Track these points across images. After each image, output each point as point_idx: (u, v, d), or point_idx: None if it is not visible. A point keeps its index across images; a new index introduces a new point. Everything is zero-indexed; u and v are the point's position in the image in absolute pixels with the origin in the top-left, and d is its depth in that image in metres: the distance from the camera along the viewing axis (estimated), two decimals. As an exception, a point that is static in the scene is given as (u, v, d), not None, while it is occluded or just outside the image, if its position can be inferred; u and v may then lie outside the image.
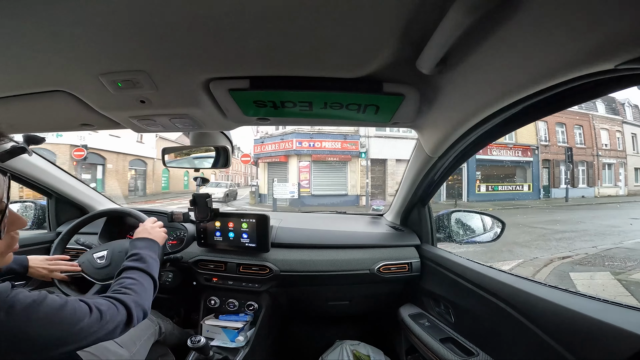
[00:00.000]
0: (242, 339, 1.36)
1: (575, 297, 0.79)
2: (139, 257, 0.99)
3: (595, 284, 4.04)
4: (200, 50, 0.67)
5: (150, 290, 0.92)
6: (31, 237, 1.67)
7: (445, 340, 1.18)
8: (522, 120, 0.82)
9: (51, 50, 0.66)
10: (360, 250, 1.52)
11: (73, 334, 0.65)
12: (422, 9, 0.52)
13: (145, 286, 0.91)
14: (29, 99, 0.90)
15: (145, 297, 0.88)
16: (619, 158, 18.57)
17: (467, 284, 1.12)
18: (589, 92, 0.60)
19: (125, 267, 0.95)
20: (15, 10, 0.52)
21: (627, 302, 0.71)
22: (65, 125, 1.21)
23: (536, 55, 0.54)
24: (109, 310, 0.74)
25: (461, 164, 1.22)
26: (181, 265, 1.52)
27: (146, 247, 1.04)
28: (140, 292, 0.87)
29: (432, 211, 1.56)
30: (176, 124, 1.07)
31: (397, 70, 0.75)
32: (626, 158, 18.75)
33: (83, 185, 1.83)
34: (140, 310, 0.83)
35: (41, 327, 0.60)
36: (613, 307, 0.71)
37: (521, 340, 0.87)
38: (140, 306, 0.84)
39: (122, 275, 0.92)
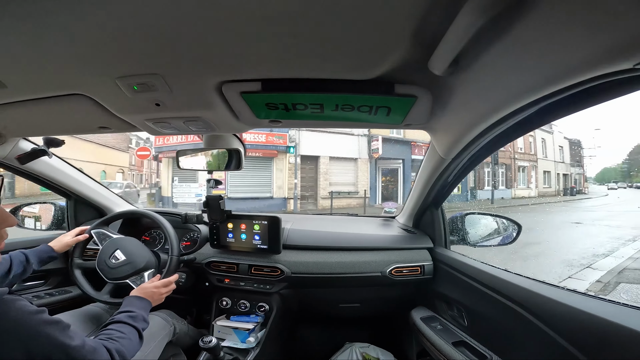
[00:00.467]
0: (253, 340, 1.37)
1: (595, 300, 0.77)
2: (133, 315, 0.99)
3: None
4: (213, 54, 0.68)
5: (135, 344, 0.93)
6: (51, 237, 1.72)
7: (457, 344, 1.17)
8: (538, 122, 0.80)
9: (70, 54, 0.68)
10: (371, 253, 1.51)
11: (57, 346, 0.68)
12: (433, 9, 0.51)
13: (132, 340, 0.92)
14: (48, 103, 0.93)
15: (129, 349, 0.89)
16: (531, 161, 19.44)
17: (482, 287, 1.10)
18: (607, 92, 0.59)
19: (118, 320, 0.95)
20: (36, 15, 0.54)
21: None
22: (84, 128, 1.24)
23: (552, 54, 0.53)
24: (96, 351, 0.76)
25: (475, 165, 1.21)
26: (194, 266, 1.54)
27: (142, 308, 1.05)
28: (126, 345, 0.88)
29: (445, 213, 1.53)
30: (190, 126, 1.09)
31: (408, 72, 0.74)
32: (537, 162, 19.77)
33: (101, 187, 1.88)
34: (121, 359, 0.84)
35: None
36: (633, 310, 0.69)
37: (537, 345, 0.85)
38: (122, 356, 0.84)
39: (113, 327, 0.92)
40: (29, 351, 0.64)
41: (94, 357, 0.74)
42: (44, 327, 0.68)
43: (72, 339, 0.71)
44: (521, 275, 1.01)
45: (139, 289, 1.13)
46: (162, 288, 1.17)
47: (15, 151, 1.35)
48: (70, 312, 1.23)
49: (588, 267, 4.79)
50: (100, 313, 1.28)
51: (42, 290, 1.60)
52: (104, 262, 1.30)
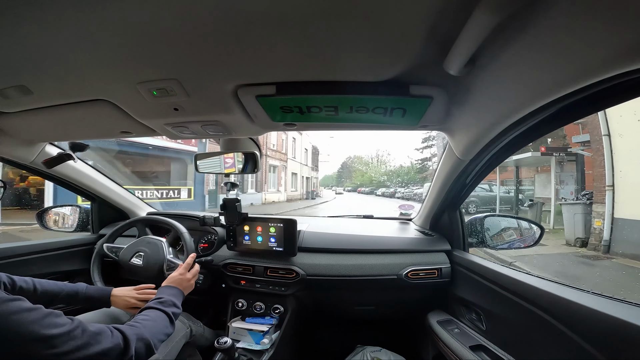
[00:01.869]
0: (267, 342, 1.38)
1: (622, 304, 0.73)
2: (162, 300, 1.00)
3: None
4: (228, 58, 0.69)
5: (161, 326, 0.89)
6: (76, 239, 1.79)
7: (475, 348, 1.14)
8: (559, 122, 0.77)
9: (93, 61, 0.71)
10: (387, 255, 1.49)
11: (37, 338, 0.60)
12: (448, 9, 0.51)
13: (157, 322, 0.89)
14: (73, 108, 0.97)
15: (153, 331, 0.84)
16: (282, 161, 18.19)
17: (502, 290, 1.07)
18: (629, 91, 0.56)
19: (145, 307, 0.96)
20: (61, 23, 0.57)
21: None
22: (106, 133, 1.29)
23: (572, 52, 0.51)
24: (98, 335, 0.69)
25: (494, 167, 1.18)
26: (212, 268, 1.57)
27: (172, 295, 1.06)
28: (148, 327, 0.84)
29: (463, 215, 1.50)
30: (207, 130, 1.11)
31: (423, 72, 0.73)
32: (287, 162, 18.60)
33: (123, 190, 1.93)
34: (141, 343, 0.78)
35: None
36: None
37: (561, 350, 0.82)
38: (143, 339, 0.79)
39: (139, 314, 0.91)
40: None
41: (90, 343, 0.66)
42: (11, 317, 0.58)
43: (55, 326, 0.62)
44: (544, 278, 0.98)
45: (166, 280, 1.15)
46: (186, 273, 1.19)
47: (42, 155, 1.41)
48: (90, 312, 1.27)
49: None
50: (120, 313, 1.31)
51: None
52: (126, 260, 1.37)
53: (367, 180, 50.03)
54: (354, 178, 57.66)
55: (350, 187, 56.70)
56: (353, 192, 47.88)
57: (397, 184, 38.70)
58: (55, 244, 1.66)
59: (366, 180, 50.56)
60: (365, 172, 52.32)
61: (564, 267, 5.00)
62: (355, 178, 56.60)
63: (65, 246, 1.69)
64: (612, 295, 0.78)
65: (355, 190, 50.27)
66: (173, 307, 1.00)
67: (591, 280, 4.22)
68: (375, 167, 52.98)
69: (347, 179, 66.74)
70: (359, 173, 53.76)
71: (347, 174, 66.97)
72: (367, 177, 50.91)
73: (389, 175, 46.48)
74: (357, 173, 54.97)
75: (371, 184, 47.10)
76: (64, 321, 0.66)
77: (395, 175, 43.88)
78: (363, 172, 52.63)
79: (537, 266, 4.80)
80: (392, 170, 47.89)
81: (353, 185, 56.04)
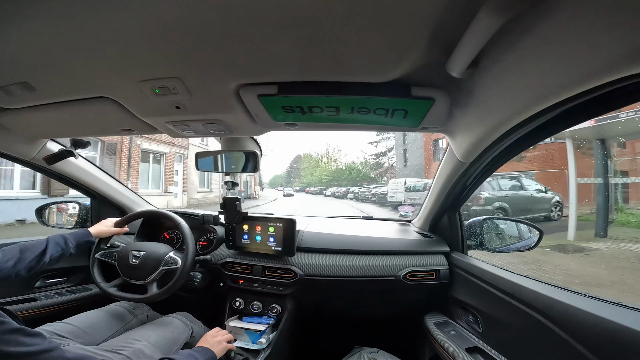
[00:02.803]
0: (264, 341, 1.38)
1: (618, 308, 0.73)
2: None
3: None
4: (230, 57, 0.69)
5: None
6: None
7: (471, 350, 1.14)
8: (561, 125, 0.77)
9: (97, 58, 0.71)
10: (386, 257, 1.49)
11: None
12: (452, 10, 0.51)
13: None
14: (76, 105, 0.97)
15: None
16: (174, 146, 14.57)
17: (499, 293, 1.07)
18: (633, 94, 0.56)
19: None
20: (65, 20, 0.57)
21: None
22: (108, 130, 1.29)
23: (576, 55, 0.51)
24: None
25: (495, 169, 1.18)
26: (210, 267, 1.57)
27: (206, 356, 1.05)
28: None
29: (463, 218, 1.50)
30: (209, 129, 1.12)
31: (426, 74, 0.73)
32: (188, 148, 15.02)
33: (123, 187, 1.93)
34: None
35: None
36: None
37: (555, 352, 0.82)
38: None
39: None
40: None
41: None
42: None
43: (18, 344, 0.61)
44: (541, 281, 0.98)
45: (201, 341, 1.15)
46: (219, 336, 1.18)
47: (43, 152, 1.41)
48: (93, 311, 1.26)
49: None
50: (124, 312, 1.31)
51: (63, 287, 1.66)
52: (124, 262, 1.34)
53: (317, 179, 47.90)
54: (303, 177, 55.33)
55: (299, 187, 54.39)
56: (301, 192, 45.38)
57: (350, 183, 37.24)
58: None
59: (315, 180, 48.41)
60: (314, 171, 49.71)
61: None
62: (304, 177, 54.32)
63: None
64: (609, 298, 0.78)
65: (304, 190, 48.03)
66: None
67: None
68: (325, 165, 50.44)
69: (296, 178, 64.59)
70: (308, 171, 50.93)
71: (297, 173, 64.60)
72: (316, 176, 48.49)
73: (339, 173, 44.41)
74: (306, 171, 52.09)
75: (320, 184, 45.39)
76: (34, 342, 0.63)
77: (346, 172, 41.92)
78: (312, 170, 49.78)
79: None
80: (343, 168, 45.47)
81: (302, 185, 53.68)
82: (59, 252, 1.14)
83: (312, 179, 48.71)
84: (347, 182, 36.37)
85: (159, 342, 1.15)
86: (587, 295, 0.83)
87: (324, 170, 47.87)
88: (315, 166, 49.55)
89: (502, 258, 4.00)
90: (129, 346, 1.06)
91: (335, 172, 45.51)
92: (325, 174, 46.13)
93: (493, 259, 1.37)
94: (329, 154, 49.70)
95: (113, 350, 1.03)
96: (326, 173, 46.27)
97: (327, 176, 45.17)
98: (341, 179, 39.62)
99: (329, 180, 42.54)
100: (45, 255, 1.09)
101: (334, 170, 46.65)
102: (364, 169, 38.18)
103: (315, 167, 49.78)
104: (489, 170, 1.18)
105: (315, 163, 50.74)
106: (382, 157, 36.38)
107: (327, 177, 44.79)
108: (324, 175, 45.71)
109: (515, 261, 4.56)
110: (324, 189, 40.30)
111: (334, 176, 43.41)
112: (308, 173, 50.34)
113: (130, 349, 1.05)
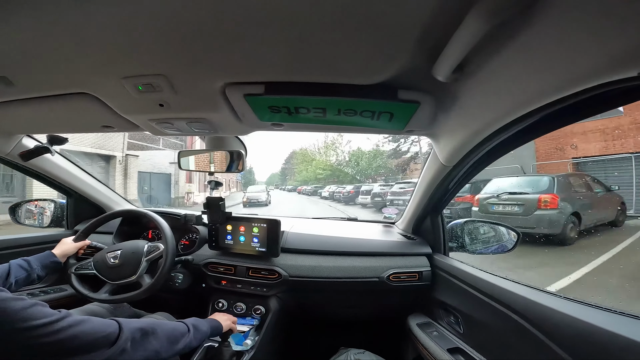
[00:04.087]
0: (250, 343, 1.36)
1: (592, 309, 0.76)
2: (196, 324, 1.01)
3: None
4: (218, 56, 0.68)
5: (165, 341, 0.84)
6: (50, 235, 1.72)
7: (453, 351, 1.16)
8: (542, 129, 0.80)
9: (79, 53, 0.69)
10: (370, 258, 1.50)
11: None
12: (439, 15, 0.52)
13: (167, 333, 0.86)
14: (54, 100, 0.94)
15: (163, 334, 0.83)
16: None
17: (479, 294, 1.09)
18: (611, 100, 0.59)
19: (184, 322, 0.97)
20: (47, 14, 0.55)
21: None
22: (87, 127, 1.25)
23: (558, 62, 0.53)
24: (88, 322, 0.70)
25: (477, 173, 1.20)
26: (192, 267, 1.54)
27: (210, 326, 1.07)
28: (157, 333, 0.82)
29: (445, 220, 1.53)
30: (193, 127, 1.10)
31: (412, 77, 0.74)
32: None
33: (102, 185, 1.88)
34: (139, 335, 0.77)
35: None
36: (629, 319, 0.68)
37: (533, 353, 0.85)
38: (144, 332, 0.78)
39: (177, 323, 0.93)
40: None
41: (80, 333, 0.66)
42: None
43: (41, 316, 0.62)
44: (519, 283, 1.01)
45: (214, 315, 1.18)
46: (225, 316, 1.22)
47: (18, 148, 1.35)
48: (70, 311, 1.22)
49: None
50: (102, 312, 1.27)
51: (37, 288, 1.59)
52: (103, 266, 1.29)
53: (312, 175, 36.23)
54: (297, 174, 45.18)
55: (292, 185, 46.48)
56: (293, 192, 37.49)
57: (358, 177, 26.77)
58: (27, 239, 1.59)
59: (310, 176, 36.69)
60: (308, 166, 38.12)
61: None
62: (298, 174, 44.06)
63: (38, 242, 1.63)
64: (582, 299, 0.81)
65: (296, 189, 38.41)
66: (199, 334, 0.99)
67: None
68: (322, 158, 37.13)
69: (291, 176, 56.05)
70: (302, 167, 39.55)
71: (292, 171, 56.38)
72: (311, 172, 36.42)
73: (343, 165, 32.90)
74: (300, 167, 40.98)
75: (316, 181, 34.20)
76: (50, 312, 0.65)
77: (353, 161, 29.86)
78: (306, 165, 38.41)
79: None
80: (346, 158, 33.38)
81: (297, 183, 44.32)
82: (23, 275, 1.10)
83: (307, 175, 38.63)
84: (351, 179, 27.14)
85: None
86: (563, 297, 0.86)
87: (320, 163, 36.45)
88: (310, 160, 39.35)
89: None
90: None
91: (334, 165, 35.10)
92: (322, 167, 35.20)
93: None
94: (327, 143, 37.52)
95: None
96: (323, 167, 35.29)
97: (324, 170, 34.39)
98: (343, 173, 30.52)
99: (327, 176, 33.24)
100: (10, 277, 1.06)
101: (333, 164, 35.11)
102: (377, 159, 26.81)
103: (310, 161, 39.42)
104: (471, 174, 1.20)
105: (311, 157, 40.14)
106: (402, 144, 24.36)
107: (324, 171, 34.23)
108: (320, 170, 34.95)
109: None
110: (319, 187, 29.05)
111: (332, 170, 33.54)
112: (303, 169, 40.56)
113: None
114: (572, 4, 0.43)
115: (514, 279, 1.04)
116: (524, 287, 0.98)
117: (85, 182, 1.76)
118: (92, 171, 1.83)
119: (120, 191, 2.67)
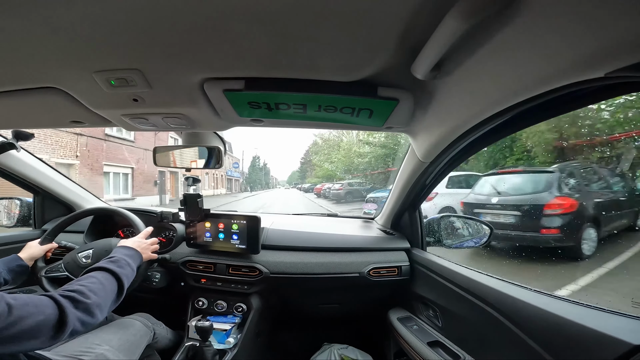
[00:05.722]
0: (233, 341, 1.36)
1: (560, 302, 0.80)
2: (115, 259, 0.93)
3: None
4: (196, 51, 0.67)
5: (110, 295, 0.83)
6: (16, 235, 1.64)
7: (433, 344, 1.19)
8: (513, 127, 0.83)
9: (46, 47, 0.65)
10: (350, 254, 1.52)
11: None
12: (419, 14, 0.53)
13: (106, 289, 0.82)
14: (20, 95, 0.89)
15: (99, 300, 0.78)
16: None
17: (456, 288, 1.13)
18: (579, 100, 0.62)
19: (95, 267, 0.90)
20: (13, 7, 0.52)
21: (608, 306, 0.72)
22: (55, 122, 1.19)
23: (530, 62, 0.55)
24: (25, 307, 0.63)
25: (452, 169, 1.24)
26: (169, 266, 1.51)
27: (127, 255, 1.00)
28: (95, 290, 0.77)
29: (422, 215, 1.57)
30: (169, 123, 1.07)
31: (392, 75, 0.76)
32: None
33: (71, 183, 1.80)
34: (84, 314, 0.73)
35: None
36: (596, 312, 0.72)
37: (507, 345, 0.88)
38: (86, 309, 0.73)
39: (88, 274, 0.84)
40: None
41: (18, 319, 0.61)
42: None
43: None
44: (493, 276, 1.04)
45: (122, 242, 1.08)
46: (144, 240, 1.13)
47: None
48: None
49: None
50: None
51: (5, 290, 1.51)
52: (75, 266, 1.23)
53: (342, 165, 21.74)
54: (316, 171, 34.38)
55: (310, 183, 37.38)
56: (310, 193, 27.99)
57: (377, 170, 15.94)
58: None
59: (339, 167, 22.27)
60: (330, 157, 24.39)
61: None
62: (319, 170, 31.78)
63: (3, 242, 1.55)
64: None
65: (312, 189, 28.55)
66: (127, 268, 0.93)
67: None
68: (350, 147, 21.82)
69: (312, 171, 45.44)
70: (324, 158, 26.23)
71: (311, 168, 45.93)
72: (340, 163, 21.61)
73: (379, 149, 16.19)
74: (322, 158, 27.52)
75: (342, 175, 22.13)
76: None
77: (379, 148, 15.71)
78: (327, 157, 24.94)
79: None
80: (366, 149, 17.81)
81: (316, 181, 33.54)
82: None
83: (333, 168, 24.51)
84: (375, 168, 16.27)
85: (122, 346, 1.09)
86: (533, 290, 0.89)
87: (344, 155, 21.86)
88: (336, 147, 25.15)
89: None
90: (90, 351, 0.99)
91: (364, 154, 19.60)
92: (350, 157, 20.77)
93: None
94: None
95: (72, 356, 0.95)
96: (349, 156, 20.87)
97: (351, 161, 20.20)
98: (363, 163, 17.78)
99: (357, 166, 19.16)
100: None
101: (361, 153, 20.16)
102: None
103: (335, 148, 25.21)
104: (446, 170, 1.24)
105: (334, 149, 25.69)
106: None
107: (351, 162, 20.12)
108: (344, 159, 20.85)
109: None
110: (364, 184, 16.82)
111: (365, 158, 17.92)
112: (324, 160, 26.70)
113: (91, 354, 0.98)
114: (545, 7, 0.44)
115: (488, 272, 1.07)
116: (499, 280, 1.01)
117: (53, 179, 1.68)
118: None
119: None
